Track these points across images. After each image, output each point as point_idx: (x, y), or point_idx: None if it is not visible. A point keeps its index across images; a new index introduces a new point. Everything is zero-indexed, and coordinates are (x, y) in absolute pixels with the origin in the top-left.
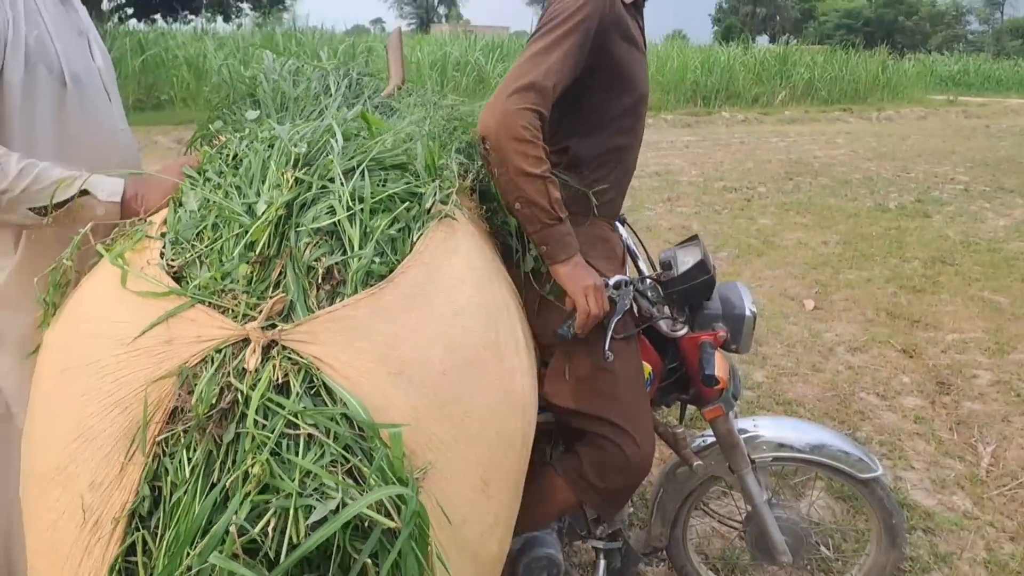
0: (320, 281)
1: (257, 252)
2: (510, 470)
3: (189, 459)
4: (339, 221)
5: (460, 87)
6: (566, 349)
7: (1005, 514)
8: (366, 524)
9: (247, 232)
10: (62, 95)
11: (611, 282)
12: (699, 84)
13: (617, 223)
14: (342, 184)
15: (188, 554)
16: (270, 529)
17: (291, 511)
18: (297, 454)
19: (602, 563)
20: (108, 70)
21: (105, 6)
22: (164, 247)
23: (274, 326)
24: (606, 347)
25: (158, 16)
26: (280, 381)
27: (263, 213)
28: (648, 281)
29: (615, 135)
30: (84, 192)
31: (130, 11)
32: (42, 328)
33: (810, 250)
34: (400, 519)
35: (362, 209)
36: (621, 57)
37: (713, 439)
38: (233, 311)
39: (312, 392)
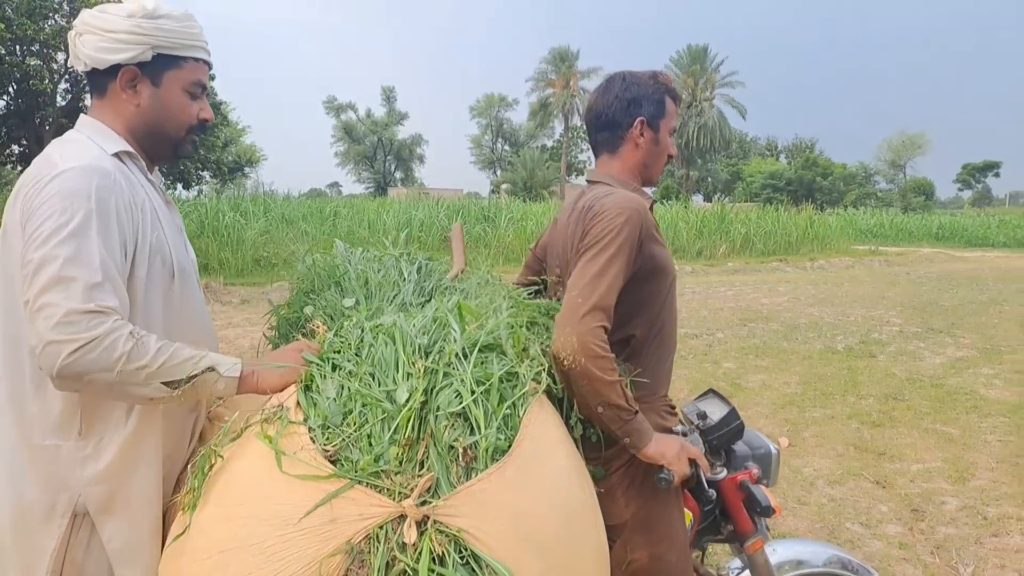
0: (456, 459)
1: (404, 436)
2: None
3: None
4: (465, 401)
5: (426, 245)
6: (625, 538)
7: None
8: None
9: (393, 418)
10: (170, 285)
11: (681, 431)
12: None
13: None
14: (463, 369)
15: None
16: None
17: None
18: None
19: None
20: (195, 261)
21: None
22: (312, 432)
23: (425, 502)
24: (706, 487)
25: None
26: (436, 556)
27: (407, 401)
28: (693, 431)
29: (661, 313)
30: (209, 369)
31: None
32: (187, 511)
33: (774, 391)
34: None
35: (484, 392)
36: (655, 253)
37: (739, 568)
38: (388, 490)
39: (462, 562)
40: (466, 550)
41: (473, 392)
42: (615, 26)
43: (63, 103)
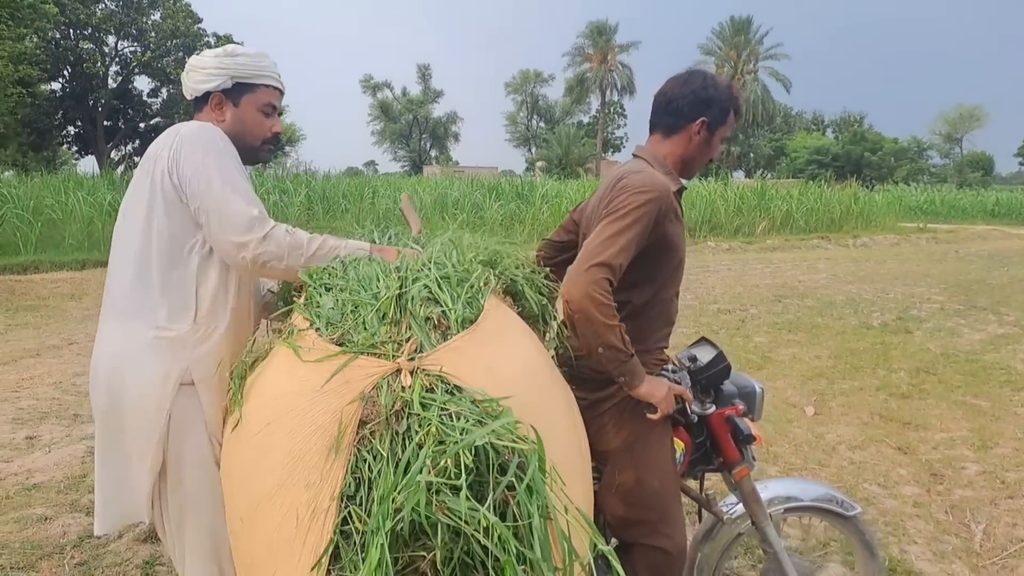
0: (434, 328)
1: (389, 316)
2: (581, 472)
3: (382, 446)
4: (433, 291)
5: (461, 223)
6: (614, 462)
7: None
8: (502, 459)
9: (378, 308)
10: None
11: (671, 372)
12: (683, 217)
13: None
14: (429, 271)
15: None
16: (449, 463)
17: (460, 447)
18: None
19: None
20: None
21: (114, 155)
22: (319, 331)
23: (412, 358)
24: (690, 413)
25: None
26: (427, 389)
27: (386, 294)
28: (684, 372)
29: (661, 287)
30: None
31: (137, 159)
32: (235, 407)
33: (804, 364)
34: (522, 444)
35: (448, 283)
36: (669, 233)
37: (733, 503)
38: (384, 355)
39: (447, 392)
40: (449, 384)
41: (437, 284)
42: None
43: (114, 85)
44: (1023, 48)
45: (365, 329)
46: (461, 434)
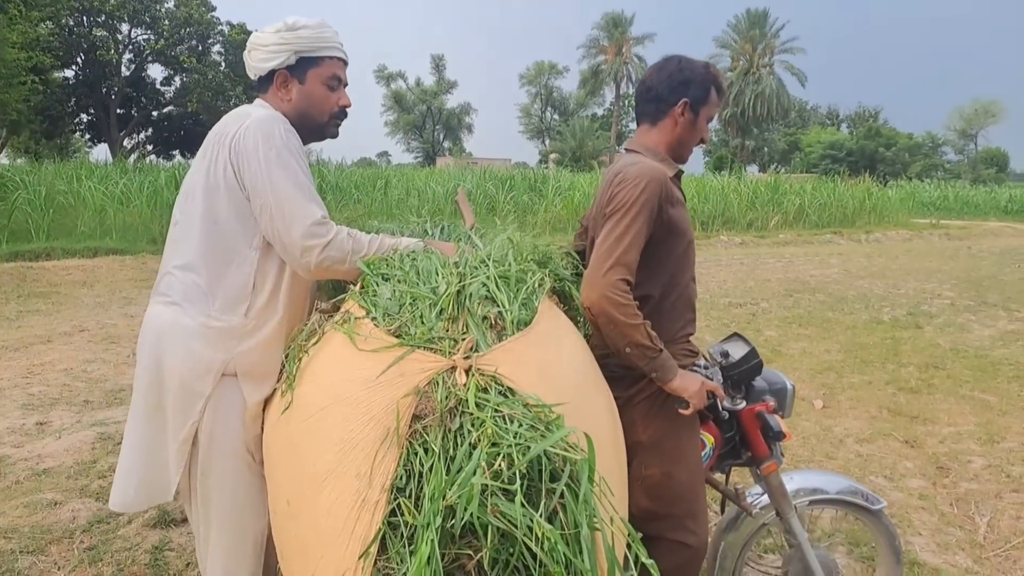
0: (490, 328)
1: (448, 313)
2: (619, 477)
3: (434, 441)
4: (491, 290)
5: (475, 214)
6: (641, 455)
7: (1001, 570)
8: (553, 467)
9: (437, 303)
10: None
11: (703, 368)
12: (696, 210)
13: None
14: (488, 268)
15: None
16: (504, 466)
17: (514, 451)
18: (497, 426)
19: None
20: None
21: (126, 143)
22: (375, 321)
23: (468, 357)
24: (722, 409)
25: (176, 152)
26: (480, 389)
27: (446, 290)
28: (716, 368)
29: (676, 273)
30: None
31: (150, 147)
32: (286, 393)
33: (814, 358)
34: (574, 453)
35: (506, 284)
36: (673, 217)
37: (758, 493)
38: (440, 351)
39: (500, 394)
40: (503, 386)
41: (495, 283)
42: None
43: (127, 73)
44: None
45: (422, 323)
46: (515, 438)
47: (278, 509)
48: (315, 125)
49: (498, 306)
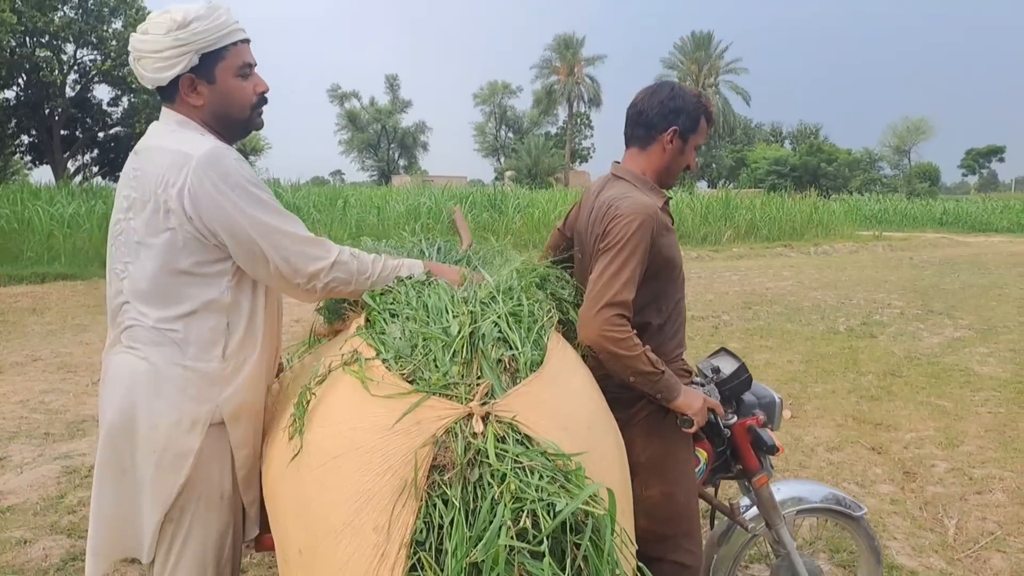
0: (504, 370)
1: (461, 356)
2: (629, 515)
3: (454, 493)
4: (503, 329)
5: (436, 232)
6: (640, 476)
7: (973, 570)
8: (574, 520)
9: (450, 345)
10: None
11: (700, 383)
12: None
13: None
14: (497, 307)
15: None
16: (528, 523)
17: (539, 507)
18: (519, 479)
19: None
20: None
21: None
22: (386, 363)
23: (485, 403)
24: (723, 431)
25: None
26: (499, 437)
27: (459, 331)
28: (712, 385)
29: (671, 297)
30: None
31: (95, 169)
32: (294, 438)
33: (778, 368)
34: (597, 508)
35: (517, 322)
36: (665, 246)
37: (747, 505)
38: (456, 397)
39: (518, 442)
40: (520, 434)
41: (507, 322)
42: (620, 13)
43: (72, 94)
44: (963, 61)
45: (436, 367)
46: (537, 491)
47: (289, 558)
48: (237, 122)
49: (511, 347)
